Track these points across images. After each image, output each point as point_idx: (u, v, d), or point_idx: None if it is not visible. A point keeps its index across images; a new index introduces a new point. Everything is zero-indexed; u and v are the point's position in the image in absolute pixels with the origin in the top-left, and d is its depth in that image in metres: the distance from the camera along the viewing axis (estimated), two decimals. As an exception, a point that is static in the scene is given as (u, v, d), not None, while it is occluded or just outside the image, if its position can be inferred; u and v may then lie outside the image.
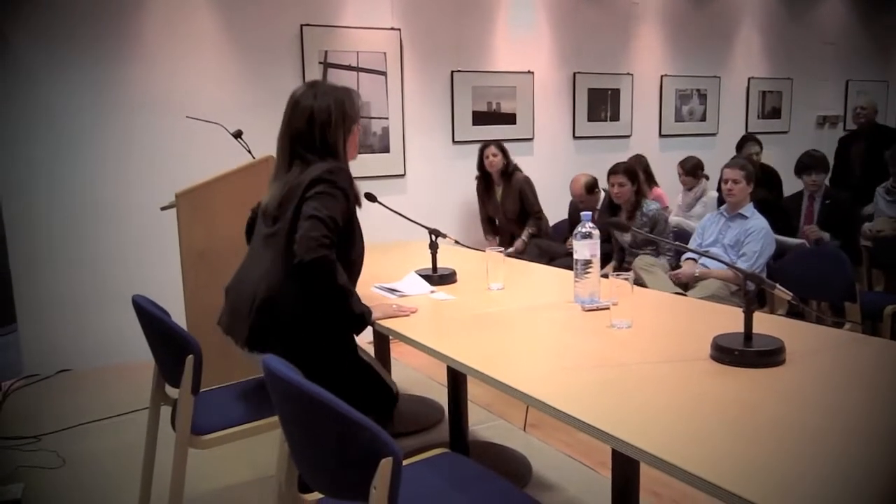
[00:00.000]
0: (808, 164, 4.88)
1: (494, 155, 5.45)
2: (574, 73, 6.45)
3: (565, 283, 2.59)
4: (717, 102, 7.35)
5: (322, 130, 2.31)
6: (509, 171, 5.47)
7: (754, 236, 4.09)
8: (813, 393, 1.62)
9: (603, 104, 6.59)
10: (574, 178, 5.43)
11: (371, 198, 2.77)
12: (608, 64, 6.65)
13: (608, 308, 2.28)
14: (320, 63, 5.25)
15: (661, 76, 6.95)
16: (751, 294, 1.75)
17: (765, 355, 1.74)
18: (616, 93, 6.64)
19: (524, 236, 5.42)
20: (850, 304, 3.93)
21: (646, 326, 2.17)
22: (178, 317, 2.63)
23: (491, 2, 6.03)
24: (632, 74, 6.76)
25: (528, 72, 6.19)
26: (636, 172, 4.64)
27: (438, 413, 3.84)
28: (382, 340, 3.86)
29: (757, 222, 4.14)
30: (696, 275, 4.17)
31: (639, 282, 3.90)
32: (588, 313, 2.33)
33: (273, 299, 2.23)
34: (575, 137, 6.45)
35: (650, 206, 4.53)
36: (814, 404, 1.55)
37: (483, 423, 3.70)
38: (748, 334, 1.78)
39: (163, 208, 3.59)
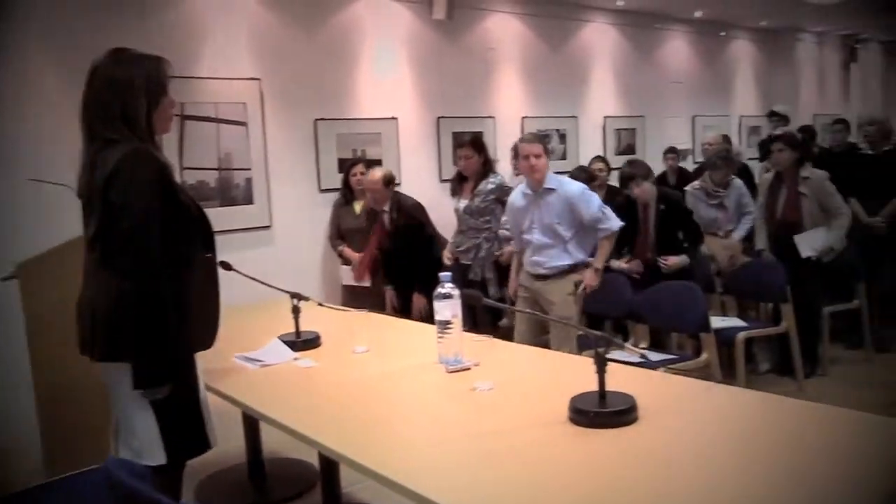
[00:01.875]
0: (629, 174, 4.76)
1: (362, 173, 5.28)
2: (438, 118, 6.55)
3: (433, 340, 2.59)
4: (576, 141, 7.66)
5: (123, 101, 2.08)
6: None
7: (583, 199, 3.99)
8: (662, 451, 1.67)
9: (468, 147, 6.72)
10: (371, 171, 5.13)
11: (226, 266, 2.67)
12: (471, 107, 6.80)
13: (469, 368, 2.28)
14: (177, 115, 5.07)
15: (522, 118, 7.17)
16: (601, 355, 1.79)
17: (619, 415, 1.78)
18: (480, 135, 6.78)
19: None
20: (706, 335, 4.14)
21: (507, 386, 2.18)
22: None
23: (353, 49, 6.05)
24: (494, 117, 6.94)
25: (393, 117, 6.24)
26: (482, 144, 4.70)
27: (313, 476, 3.73)
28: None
29: (571, 188, 4.03)
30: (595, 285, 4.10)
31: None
32: (452, 374, 2.32)
33: (104, 308, 2.07)
34: (442, 181, 6.54)
35: (495, 178, 4.58)
36: (663, 462, 1.60)
37: (358, 484, 3.62)
38: (602, 394, 1.82)
39: (2, 279, 3.34)
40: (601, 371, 1.81)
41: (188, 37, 5.17)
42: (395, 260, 5.01)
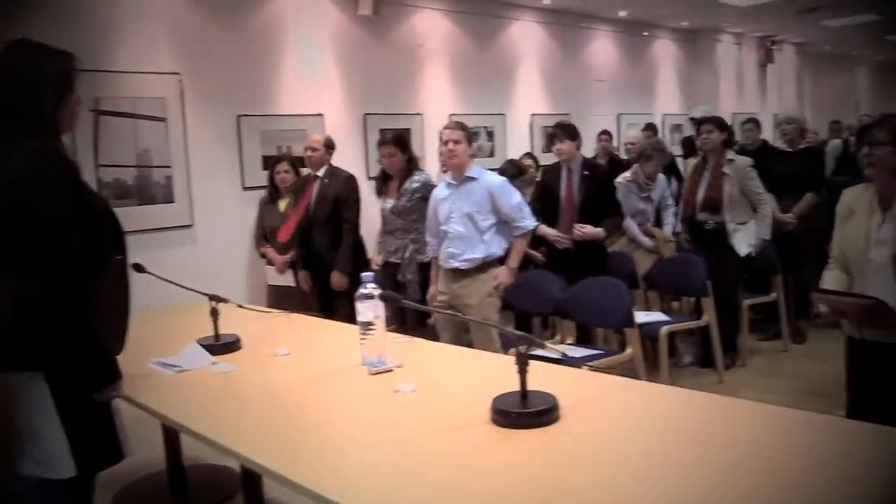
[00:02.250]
0: (554, 132, 4.83)
1: (286, 171, 5.19)
2: (365, 115, 6.49)
3: (356, 342, 2.53)
4: (503, 139, 7.70)
5: (27, 97, 1.96)
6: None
7: (504, 191, 3.98)
8: (583, 450, 1.67)
9: (395, 144, 6.68)
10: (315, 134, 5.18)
11: (139, 268, 2.57)
12: (398, 104, 6.76)
13: (392, 370, 2.25)
14: (91, 111, 4.87)
15: (450, 115, 7.16)
16: (522, 355, 1.78)
17: (540, 415, 1.77)
18: (407, 133, 6.75)
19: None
20: (630, 330, 4.20)
21: (430, 388, 2.15)
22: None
23: (277, 44, 5.93)
24: (422, 114, 6.92)
25: (319, 114, 6.14)
26: (406, 141, 4.67)
27: (236, 482, 3.63)
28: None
29: (493, 179, 4.02)
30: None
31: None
32: (375, 377, 2.29)
33: (4, 315, 1.93)
34: (370, 178, 6.47)
35: (420, 175, 4.54)
36: (584, 462, 1.60)
37: (282, 489, 3.54)
38: (524, 394, 1.82)
39: None
40: (522, 371, 1.80)
41: (103, 29, 4.97)
42: (317, 234, 4.91)
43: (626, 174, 5.51)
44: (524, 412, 1.77)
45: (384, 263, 4.62)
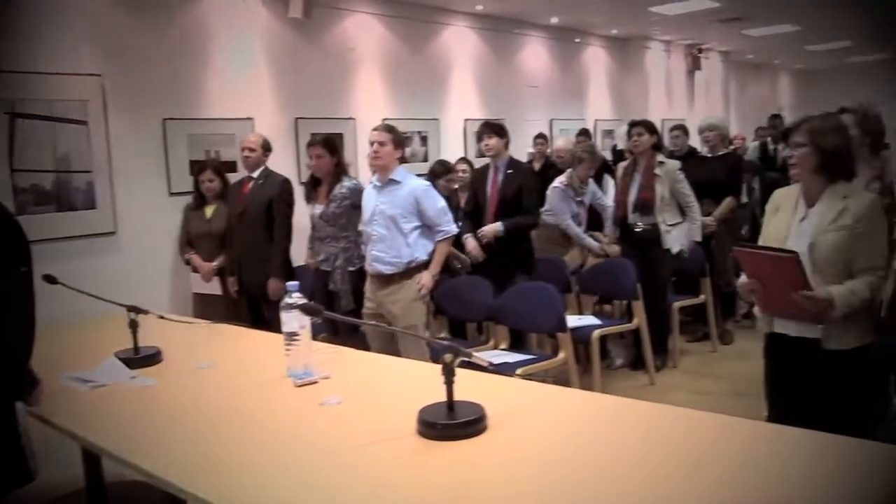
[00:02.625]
0: (480, 130, 4.89)
1: (211, 181, 5.06)
2: (296, 119, 6.39)
3: (282, 352, 2.47)
4: (437, 144, 7.69)
5: None
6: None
7: (428, 195, 3.95)
8: (509, 461, 1.65)
9: (328, 149, 6.59)
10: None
11: (50, 279, 2.45)
12: (330, 109, 6.67)
13: (317, 382, 2.19)
14: (6, 113, 4.66)
15: (384, 119, 7.11)
16: (448, 365, 1.75)
17: (467, 426, 1.75)
18: (339, 137, 6.67)
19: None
20: (562, 335, 4.23)
21: (357, 399, 2.10)
22: None
23: (205, 44, 5.78)
24: (354, 119, 6.85)
25: (248, 118, 6.01)
26: (335, 145, 4.59)
27: (160, 499, 3.51)
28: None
29: (418, 183, 4.00)
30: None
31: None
32: (301, 389, 2.23)
33: None
34: (301, 183, 6.37)
35: (349, 182, 4.48)
36: (510, 473, 1.58)
37: None
38: (450, 404, 1.79)
39: None
40: (449, 382, 1.77)
41: (19, 29, 4.76)
42: (247, 238, 4.76)
43: (562, 178, 5.57)
44: (450, 423, 1.74)
45: (315, 270, 4.53)
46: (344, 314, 4.45)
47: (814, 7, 9.64)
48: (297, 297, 2.25)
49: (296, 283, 2.30)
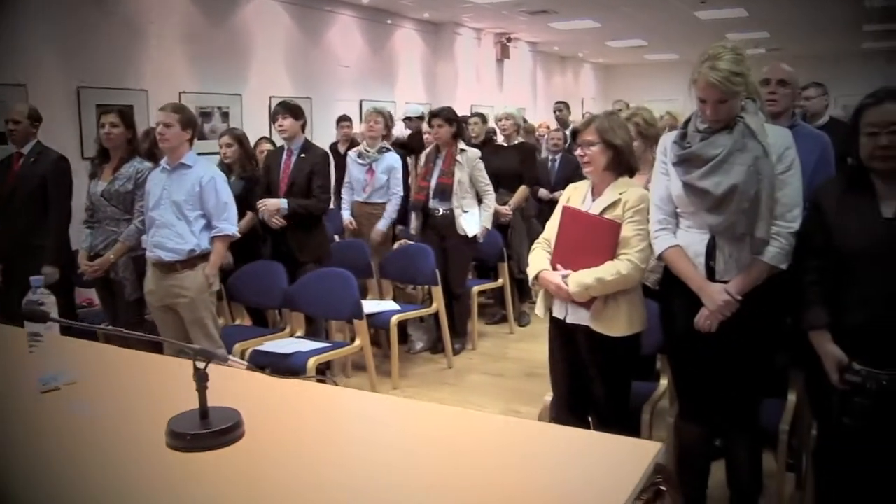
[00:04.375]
0: (275, 110, 4.73)
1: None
2: (78, 87, 5.85)
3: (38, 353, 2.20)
4: (240, 120, 7.37)
5: None
6: None
7: (212, 186, 3.76)
8: (268, 468, 1.56)
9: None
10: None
11: None
12: (119, 78, 6.18)
13: (59, 389, 1.97)
14: None
15: (180, 93, 6.71)
16: (201, 372, 1.63)
17: (220, 435, 1.64)
18: (130, 109, 6.20)
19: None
20: (359, 322, 4.19)
21: (106, 408, 1.90)
22: None
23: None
24: (147, 90, 6.39)
25: (20, 84, 5.43)
26: (131, 118, 4.27)
27: None
28: None
29: (206, 171, 3.79)
30: None
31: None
32: (47, 396, 1.98)
33: None
34: (84, 158, 5.87)
35: (142, 163, 4.18)
36: (270, 481, 1.50)
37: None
38: (204, 412, 1.67)
39: None
40: (201, 388, 1.65)
41: None
42: (16, 220, 4.34)
43: (356, 148, 5.55)
44: (202, 433, 1.62)
45: (92, 257, 4.15)
46: (128, 304, 4.15)
47: (612, 7, 10.23)
48: (41, 294, 2.02)
49: (39, 277, 2.06)
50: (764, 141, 2.46)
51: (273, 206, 4.52)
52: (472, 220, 5.15)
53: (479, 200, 5.23)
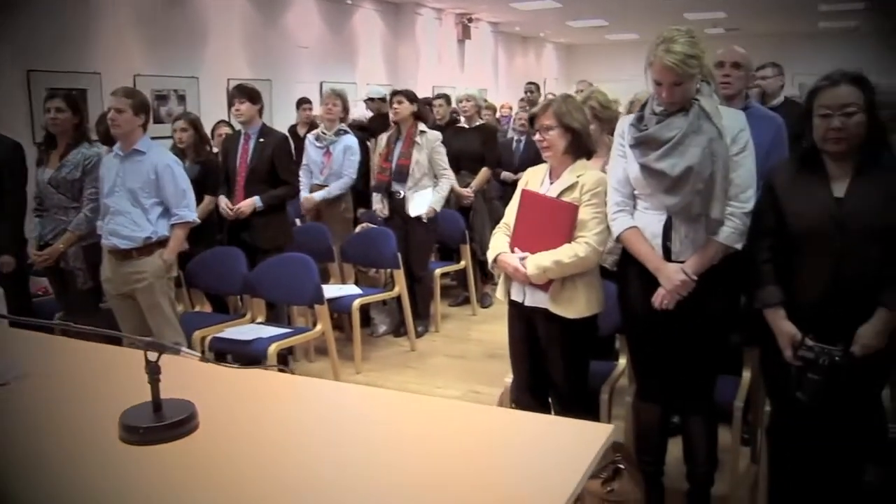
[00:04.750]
0: (232, 94, 4.65)
1: None
2: (28, 71, 5.70)
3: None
4: (197, 103, 7.24)
5: None
6: None
7: (169, 173, 3.67)
8: (223, 460, 1.55)
9: (69, 105, 5.97)
10: None
11: None
12: (71, 62, 6.03)
13: (9, 384, 1.93)
14: None
15: (135, 76, 6.57)
16: (153, 365, 1.61)
17: (173, 427, 1.62)
18: (83, 93, 6.07)
19: None
20: (320, 307, 4.17)
21: (56, 400, 1.87)
22: None
23: None
24: (100, 73, 6.24)
25: (-35, 68, 5.28)
26: (78, 102, 4.16)
27: None
28: None
29: (162, 157, 3.69)
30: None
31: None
32: (-7, 390, 1.94)
33: None
34: (36, 143, 5.72)
35: (90, 149, 4.07)
36: (225, 474, 1.49)
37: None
38: (157, 405, 1.65)
39: None
40: (153, 381, 1.63)
41: None
42: None
43: (314, 131, 5.48)
44: (154, 426, 1.60)
45: (42, 246, 4.06)
46: (82, 293, 4.07)
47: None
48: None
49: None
50: (718, 123, 2.49)
51: (248, 207, 4.44)
52: (421, 201, 5.12)
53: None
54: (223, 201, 4.51)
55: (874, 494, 2.64)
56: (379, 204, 5.25)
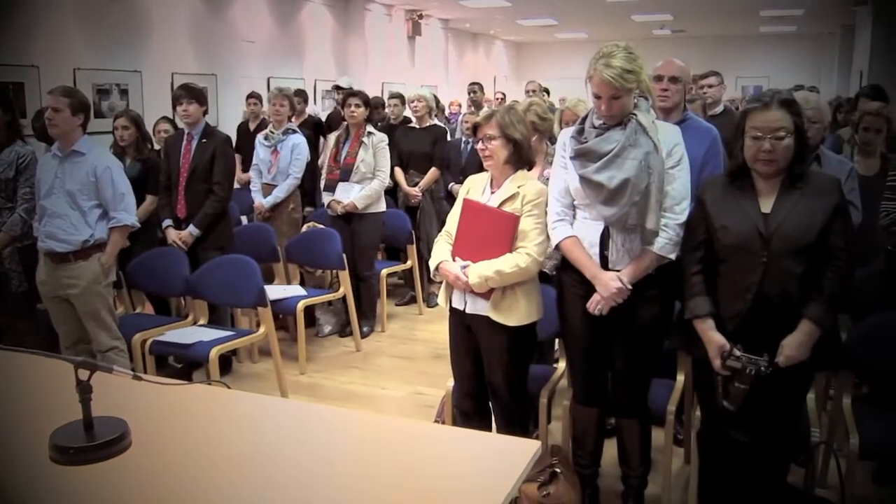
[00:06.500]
0: (177, 94, 4.56)
1: None
2: (-40, 63, 5.53)
3: None
4: (140, 98, 7.09)
5: None
6: None
7: (107, 175, 3.59)
8: (155, 479, 1.55)
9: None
10: None
11: None
12: (7, 54, 5.85)
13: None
14: None
15: (75, 69, 6.41)
16: (84, 384, 1.59)
17: (104, 447, 1.60)
18: (20, 87, 5.90)
19: None
20: (263, 309, 4.14)
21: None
22: None
23: None
24: (37, 67, 6.07)
25: None
26: (8, 97, 4.04)
27: None
28: None
29: (101, 160, 3.63)
30: None
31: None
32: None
33: None
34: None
35: (23, 148, 3.97)
36: (155, 494, 1.48)
37: None
38: (88, 424, 1.63)
39: None
40: (84, 400, 1.61)
41: None
42: None
43: (264, 131, 5.46)
44: (86, 446, 1.58)
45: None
46: (16, 296, 3.98)
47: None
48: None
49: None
50: (654, 137, 2.56)
51: (189, 239, 4.38)
52: (343, 195, 5.11)
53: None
54: (172, 234, 4.42)
55: (797, 493, 2.76)
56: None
